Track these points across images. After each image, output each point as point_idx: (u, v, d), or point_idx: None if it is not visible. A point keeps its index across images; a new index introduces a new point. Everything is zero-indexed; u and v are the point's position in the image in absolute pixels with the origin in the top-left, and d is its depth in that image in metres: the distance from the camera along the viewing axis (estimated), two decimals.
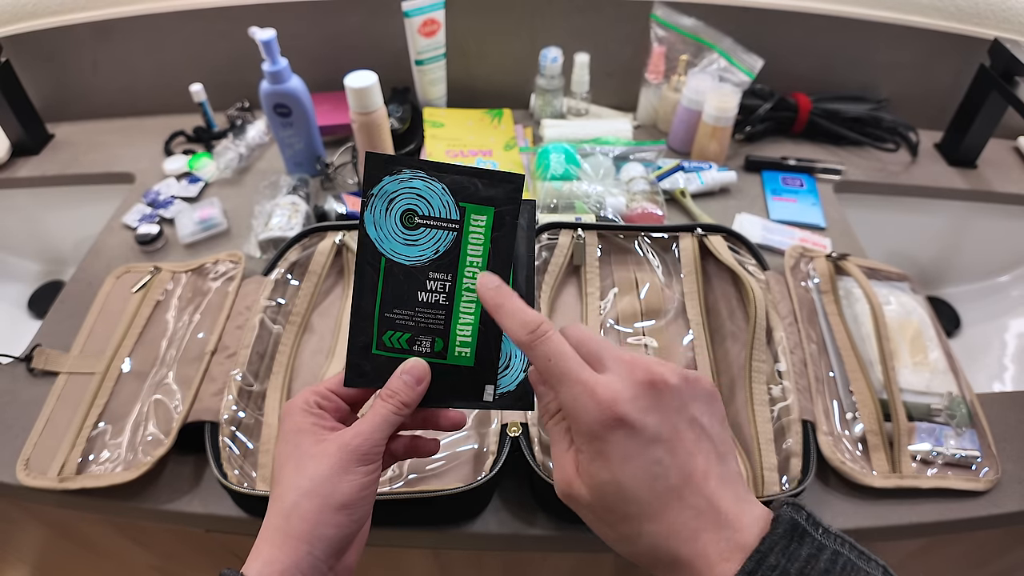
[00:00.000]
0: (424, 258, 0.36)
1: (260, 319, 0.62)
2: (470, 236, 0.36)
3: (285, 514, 0.31)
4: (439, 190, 0.35)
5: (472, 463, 0.53)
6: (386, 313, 0.36)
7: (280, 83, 0.77)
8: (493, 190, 0.36)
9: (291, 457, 0.33)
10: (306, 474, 0.32)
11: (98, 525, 0.71)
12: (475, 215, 0.35)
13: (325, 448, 0.32)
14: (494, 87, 0.99)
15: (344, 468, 0.32)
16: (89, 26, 0.90)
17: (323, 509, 0.31)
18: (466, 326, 0.36)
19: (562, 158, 0.82)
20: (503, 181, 0.36)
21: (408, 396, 0.34)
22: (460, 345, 0.36)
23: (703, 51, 0.88)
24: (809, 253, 0.73)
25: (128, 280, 0.71)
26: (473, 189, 0.35)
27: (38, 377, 0.63)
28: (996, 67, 0.82)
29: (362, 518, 0.33)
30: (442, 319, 0.36)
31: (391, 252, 0.35)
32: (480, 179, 0.35)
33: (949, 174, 0.91)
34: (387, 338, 0.36)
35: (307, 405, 0.34)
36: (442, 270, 0.36)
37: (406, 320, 0.36)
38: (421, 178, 0.35)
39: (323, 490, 0.31)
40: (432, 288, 0.36)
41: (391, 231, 0.35)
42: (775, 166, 0.89)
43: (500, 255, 0.36)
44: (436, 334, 0.36)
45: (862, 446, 0.57)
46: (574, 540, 0.54)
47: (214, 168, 0.88)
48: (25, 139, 0.92)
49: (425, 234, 0.35)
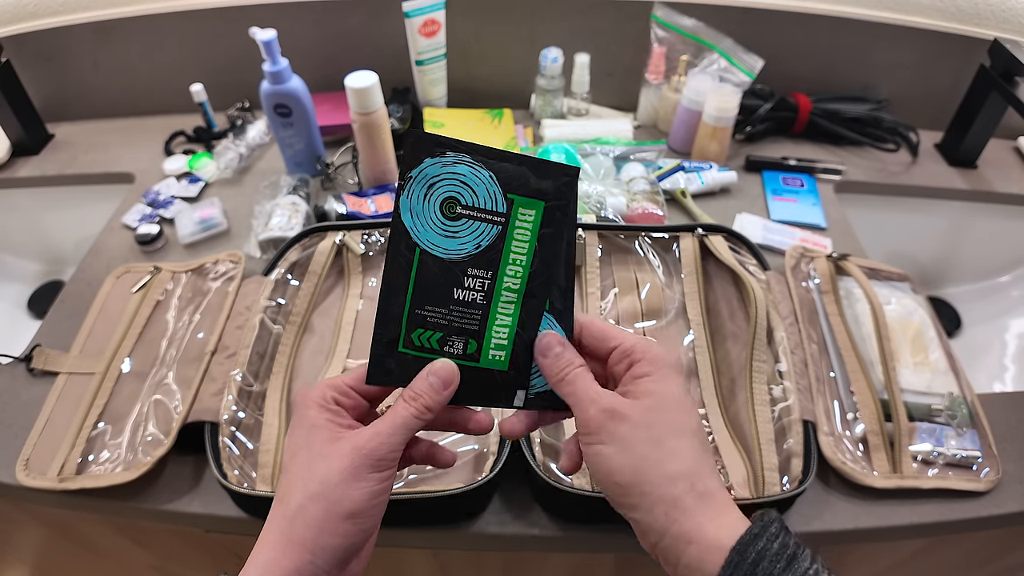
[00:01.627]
0: (464, 252, 0.32)
1: (260, 319, 0.62)
2: (516, 232, 0.33)
3: (290, 517, 0.30)
4: (486, 178, 0.32)
5: (472, 463, 0.53)
6: (417, 309, 0.33)
7: (280, 83, 0.77)
8: (545, 182, 0.32)
9: (301, 453, 0.31)
10: (316, 475, 0.30)
11: (98, 525, 0.71)
12: (523, 209, 0.32)
13: (339, 448, 0.30)
14: (494, 87, 0.99)
15: (356, 474, 0.30)
16: (89, 26, 0.90)
17: (329, 516, 0.29)
18: (503, 328, 0.34)
19: (563, 158, 0.82)
20: (557, 173, 0.33)
21: (433, 400, 0.32)
22: (495, 348, 0.34)
23: (703, 51, 0.88)
24: (810, 253, 0.73)
25: (128, 280, 0.71)
26: (523, 180, 0.32)
27: (38, 377, 0.63)
28: (996, 67, 0.82)
29: (370, 528, 0.31)
30: (478, 319, 0.33)
31: (427, 243, 0.32)
32: (532, 169, 0.32)
33: (949, 174, 0.91)
34: (416, 336, 0.33)
35: (324, 400, 0.32)
36: (482, 267, 0.33)
37: (439, 319, 0.33)
38: (467, 163, 0.32)
39: (332, 495, 0.29)
40: (470, 286, 0.33)
41: (429, 220, 0.32)
42: (775, 166, 0.89)
43: (547, 254, 0.33)
44: (470, 335, 0.33)
45: (863, 446, 0.57)
46: (574, 540, 0.54)
47: (214, 168, 0.88)
48: (25, 139, 0.92)
49: (467, 226, 0.32)
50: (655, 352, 0.32)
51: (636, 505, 0.30)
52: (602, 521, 0.54)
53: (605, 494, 0.32)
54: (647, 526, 0.30)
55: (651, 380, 0.31)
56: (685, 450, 0.30)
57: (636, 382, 0.32)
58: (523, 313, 0.34)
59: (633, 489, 0.30)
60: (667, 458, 0.30)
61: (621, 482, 0.30)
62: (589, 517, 0.54)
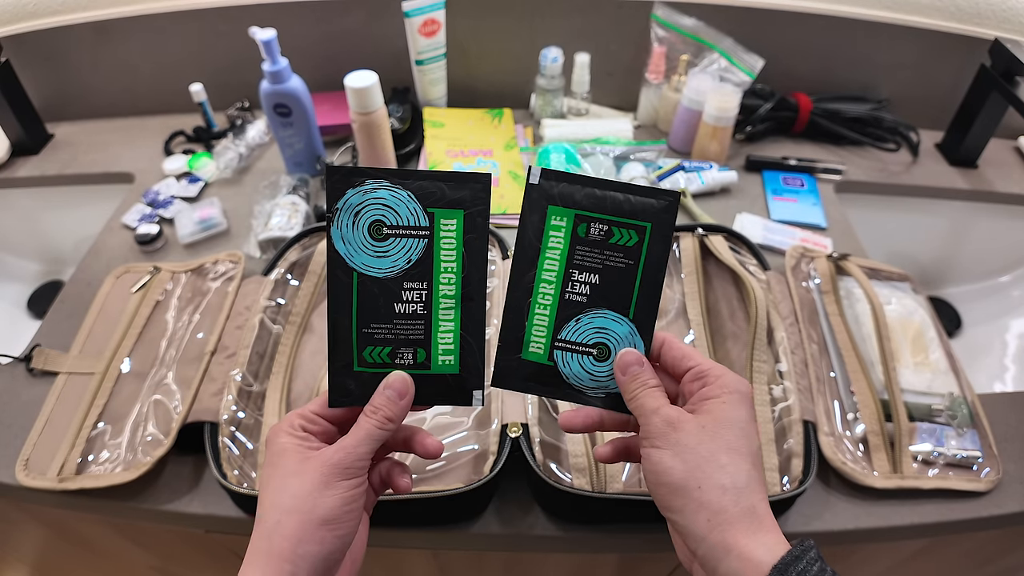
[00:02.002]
0: (397, 269, 0.35)
1: (260, 319, 0.62)
2: (442, 241, 0.35)
3: (267, 534, 0.31)
4: (405, 198, 0.35)
5: (472, 464, 0.53)
6: (364, 329, 0.35)
7: (280, 83, 0.77)
8: (460, 192, 0.35)
9: (273, 478, 0.32)
10: (288, 492, 0.31)
11: (98, 525, 0.71)
12: (444, 220, 0.35)
13: (308, 465, 0.32)
14: (494, 87, 0.99)
15: (326, 483, 0.31)
16: (89, 26, 0.90)
17: (304, 525, 0.31)
18: (447, 333, 0.36)
19: (562, 158, 0.82)
20: (469, 181, 0.35)
21: (392, 411, 0.34)
22: (443, 354, 0.36)
23: (703, 51, 0.88)
24: (810, 253, 0.73)
25: (128, 280, 0.71)
26: (440, 193, 0.35)
27: (37, 377, 0.63)
28: (997, 67, 0.82)
29: (346, 535, 0.32)
30: (421, 329, 0.36)
31: (362, 266, 0.35)
32: (446, 182, 0.35)
33: (950, 174, 0.90)
34: (368, 354, 0.36)
35: (292, 428, 0.34)
36: (417, 279, 0.35)
37: (385, 334, 0.35)
38: (385, 187, 0.34)
39: (304, 506, 0.31)
40: (408, 299, 0.35)
41: (360, 244, 0.35)
42: (776, 166, 0.89)
43: (475, 258, 0.35)
44: (417, 345, 0.36)
45: (863, 446, 0.57)
46: (574, 540, 0.54)
47: (214, 168, 0.88)
48: (25, 139, 0.92)
49: (395, 244, 0.35)
50: (728, 378, 0.34)
51: (681, 508, 0.31)
52: (602, 521, 0.54)
53: (653, 495, 0.34)
54: (688, 530, 0.31)
55: (718, 401, 0.33)
56: (737, 467, 0.31)
57: (703, 402, 0.34)
58: (464, 317, 0.36)
59: (681, 491, 0.31)
60: (718, 470, 0.31)
61: (670, 482, 0.32)
62: (589, 517, 0.54)
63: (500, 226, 0.79)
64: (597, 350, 0.37)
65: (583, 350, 0.37)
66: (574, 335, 0.37)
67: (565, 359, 0.37)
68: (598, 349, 0.37)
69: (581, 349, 0.37)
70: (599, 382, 0.37)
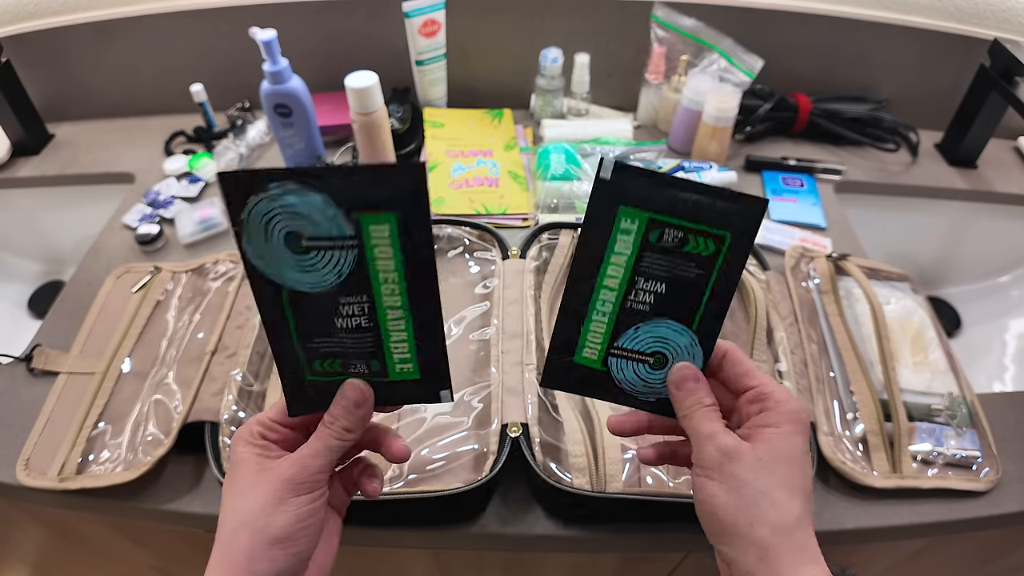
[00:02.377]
0: (329, 283, 0.30)
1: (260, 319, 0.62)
2: (376, 251, 0.29)
3: (224, 547, 0.30)
4: (319, 203, 0.28)
5: (472, 463, 0.53)
6: (308, 344, 0.32)
7: (281, 83, 0.77)
8: (387, 190, 0.28)
9: (229, 490, 0.32)
10: (242, 506, 0.31)
11: (98, 525, 0.71)
12: (374, 226, 0.29)
13: (263, 478, 0.31)
14: (494, 87, 0.99)
15: (279, 499, 0.30)
16: (89, 26, 0.90)
17: (255, 543, 0.30)
18: (400, 343, 0.32)
19: (562, 158, 0.82)
20: (398, 175, 0.28)
21: (349, 421, 0.32)
22: (400, 363, 0.33)
23: (703, 51, 0.88)
24: (809, 253, 0.73)
25: (128, 280, 0.71)
26: (361, 194, 0.28)
27: (38, 377, 0.63)
28: (996, 67, 0.82)
29: (302, 551, 0.31)
30: (370, 341, 0.32)
31: (289, 280, 0.30)
32: (369, 180, 0.28)
33: (949, 174, 0.91)
34: (319, 365, 0.32)
35: (251, 436, 0.33)
36: (354, 293, 0.30)
37: (332, 347, 0.32)
38: (294, 192, 0.28)
39: (256, 523, 0.30)
40: (348, 313, 0.31)
41: (280, 259, 0.29)
42: (775, 166, 0.89)
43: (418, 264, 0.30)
44: (369, 357, 0.32)
45: (863, 446, 0.57)
46: (574, 540, 0.54)
47: (214, 168, 0.88)
48: (25, 139, 0.92)
49: (320, 257, 0.29)
50: (789, 406, 0.33)
51: (731, 543, 0.31)
52: (602, 521, 0.54)
53: (702, 523, 0.33)
54: (735, 563, 0.31)
55: (776, 431, 0.32)
56: (791, 505, 0.31)
57: (761, 430, 0.32)
58: (416, 325, 0.32)
59: (731, 528, 0.31)
60: (771, 508, 0.31)
61: (722, 518, 0.31)
62: (589, 517, 0.54)
63: (500, 226, 0.79)
64: (654, 359, 0.35)
65: (639, 358, 0.35)
66: (632, 343, 0.35)
67: (619, 365, 0.35)
68: (655, 358, 0.35)
69: (637, 357, 0.35)
70: (652, 388, 0.36)
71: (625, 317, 0.34)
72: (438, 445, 0.54)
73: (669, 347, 0.35)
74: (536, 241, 0.67)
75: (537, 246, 0.67)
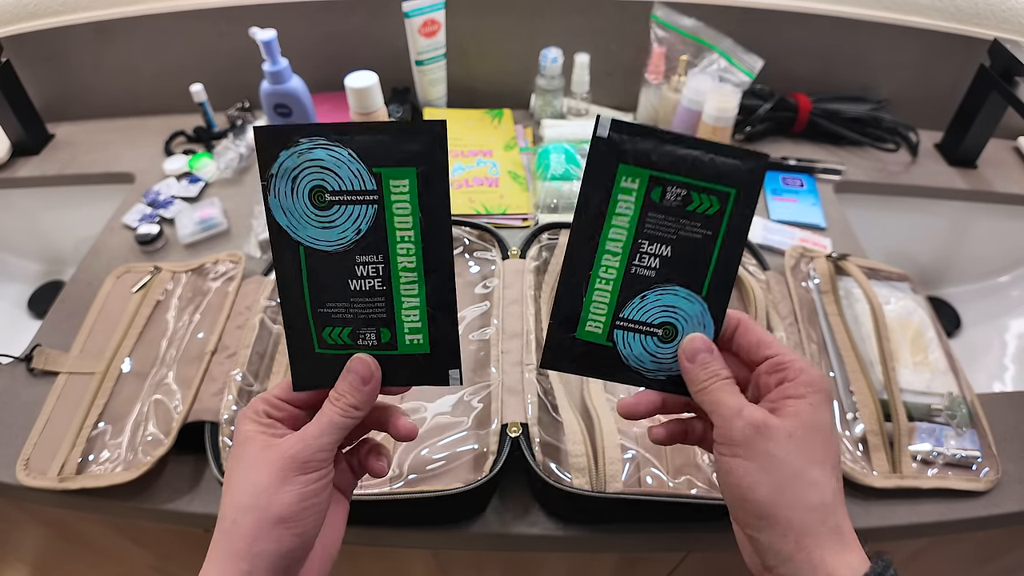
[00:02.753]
0: (347, 240, 0.31)
1: (260, 319, 0.62)
2: (394, 207, 0.30)
3: (225, 530, 0.30)
4: (345, 157, 0.30)
5: (472, 463, 0.53)
6: (319, 309, 0.32)
7: (280, 83, 0.77)
8: (409, 146, 0.30)
9: (234, 471, 0.31)
10: (245, 487, 0.30)
11: (98, 525, 0.71)
12: (394, 181, 0.30)
13: (267, 456, 0.30)
14: (494, 87, 0.99)
15: (283, 478, 0.29)
16: (89, 26, 0.90)
17: (260, 523, 0.29)
18: (412, 311, 0.32)
19: (562, 158, 0.82)
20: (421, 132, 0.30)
21: (356, 398, 0.31)
22: (410, 332, 0.32)
23: (703, 51, 0.88)
24: (809, 253, 0.73)
25: (128, 280, 0.71)
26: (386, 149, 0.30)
27: (38, 377, 0.63)
28: (996, 67, 0.82)
29: (306, 532, 0.30)
30: (383, 307, 0.32)
31: (308, 239, 0.31)
32: (394, 136, 0.30)
33: (949, 174, 0.91)
34: (327, 335, 0.32)
35: (256, 415, 0.32)
36: (370, 251, 0.31)
37: (343, 313, 0.32)
38: (323, 146, 0.29)
39: (260, 503, 0.29)
40: (363, 274, 0.31)
41: (303, 215, 0.30)
42: (775, 166, 0.89)
43: (435, 224, 0.31)
44: (380, 324, 0.32)
45: (862, 446, 0.57)
46: (574, 540, 0.54)
47: (214, 168, 0.88)
48: (25, 139, 0.92)
49: (341, 212, 0.30)
50: (812, 374, 0.31)
51: (766, 527, 0.29)
52: (602, 521, 0.54)
53: (731, 508, 0.31)
54: (771, 548, 0.29)
55: (805, 403, 0.30)
56: (826, 482, 0.29)
57: (787, 402, 0.31)
58: (429, 290, 0.32)
59: (767, 510, 0.29)
60: (809, 487, 0.29)
61: (756, 500, 0.29)
62: (589, 517, 0.54)
63: (500, 226, 0.79)
64: (663, 330, 0.33)
65: (647, 330, 0.33)
66: (638, 314, 0.33)
67: (626, 339, 0.33)
68: (664, 329, 0.33)
69: (645, 329, 0.33)
70: (661, 364, 0.34)
71: (630, 284, 0.32)
72: (438, 445, 0.54)
73: (679, 317, 0.33)
74: (536, 241, 0.67)
75: (537, 246, 0.67)
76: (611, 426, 0.53)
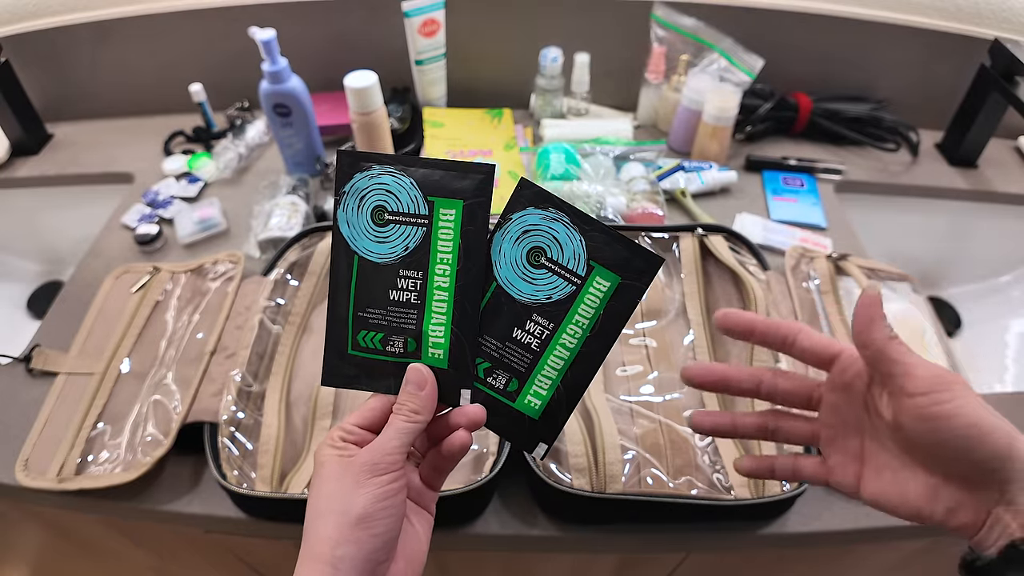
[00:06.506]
0: (395, 255, 0.35)
1: (259, 319, 0.62)
2: (440, 231, 0.35)
3: (309, 540, 0.31)
4: (407, 184, 0.35)
5: (472, 464, 0.53)
6: (359, 312, 0.36)
7: (280, 83, 0.77)
8: (462, 182, 0.35)
9: (315, 487, 0.33)
10: (324, 496, 0.32)
11: (97, 525, 0.71)
12: (443, 209, 0.35)
13: (343, 469, 0.32)
14: (494, 87, 0.99)
15: (357, 482, 0.32)
16: (89, 26, 0.90)
17: (340, 527, 0.31)
18: (439, 327, 0.35)
19: (562, 158, 0.82)
20: (472, 172, 0.35)
21: (416, 404, 0.34)
22: (434, 347, 0.35)
23: (703, 51, 0.88)
24: (810, 253, 0.73)
25: (127, 280, 0.71)
26: (441, 182, 0.35)
27: (37, 377, 0.63)
28: (996, 67, 0.82)
29: (385, 533, 0.32)
30: (414, 319, 0.35)
31: (363, 250, 0.35)
32: (449, 171, 0.35)
33: (950, 174, 0.90)
34: (361, 338, 0.36)
35: (332, 441, 0.34)
36: (412, 268, 0.35)
37: (379, 319, 0.36)
38: (391, 173, 0.35)
39: (338, 507, 0.31)
40: (403, 286, 0.35)
41: (363, 228, 0.35)
42: (776, 166, 0.89)
43: (472, 251, 0.35)
44: (408, 334, 0.36)
45: None
46: (574, 541, 0.54)
47: (213, 168, 0.88)
48: (25, 139, 0.92)
49: (395, 230, 0.35)
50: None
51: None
52: (602, 522, 0.54)
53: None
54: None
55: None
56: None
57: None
58: (456, 311, 0.35)
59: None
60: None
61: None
62: (589, 518, 0.54)
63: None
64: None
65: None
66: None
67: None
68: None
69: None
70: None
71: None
72: None
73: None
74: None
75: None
76: (611, 427, 0.53)
